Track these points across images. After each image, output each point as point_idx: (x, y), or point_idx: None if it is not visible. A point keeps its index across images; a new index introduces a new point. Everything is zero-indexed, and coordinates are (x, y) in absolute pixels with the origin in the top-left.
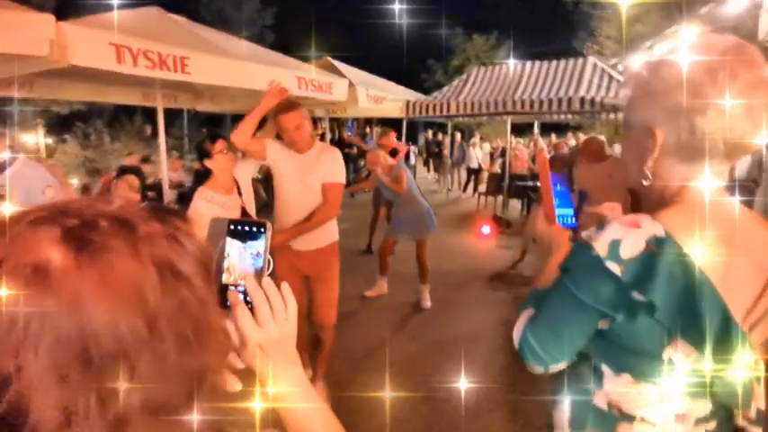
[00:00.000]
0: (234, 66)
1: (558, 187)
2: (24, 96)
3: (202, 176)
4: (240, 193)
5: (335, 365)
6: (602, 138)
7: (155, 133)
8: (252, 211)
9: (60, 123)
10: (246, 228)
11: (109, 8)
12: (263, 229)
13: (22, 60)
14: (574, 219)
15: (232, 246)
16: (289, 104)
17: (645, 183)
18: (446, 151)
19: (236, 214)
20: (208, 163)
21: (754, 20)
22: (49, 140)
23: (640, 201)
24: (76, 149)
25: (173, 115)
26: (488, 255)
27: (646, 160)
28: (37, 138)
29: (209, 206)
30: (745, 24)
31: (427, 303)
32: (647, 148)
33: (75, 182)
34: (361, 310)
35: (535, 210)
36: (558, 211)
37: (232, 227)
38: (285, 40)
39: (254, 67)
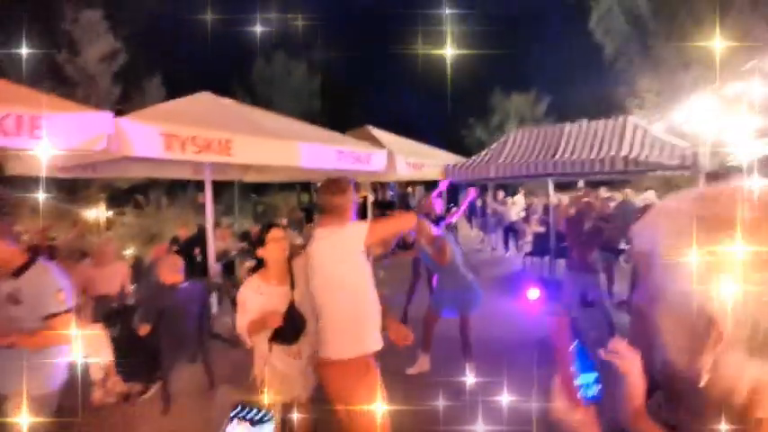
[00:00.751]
0: (273, 145)
1: (577, 345)
2: (89, 176)
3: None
4: (293, 286)
5: None
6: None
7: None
8: (304, 305)
9: (120, 196)
10: (252, 414)
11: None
12: (267, 418)
13: (84, 152)
14: (598, 387)
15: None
16: None
17: (701, 382)
18: (489, 210)
19: (283, 307)
20: (261, 252)
21: None
22: (109, 213)
23: None
24: (134, 220)
25: (223, 184)
26: (536, 322)
27: (702, 352)
28: (98, 212)
29: (255, 296)
30: None
31: (472, 380)
32: (703, 337)
33: (129, 252)
34: (403, 388)
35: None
36: (579, 380)
37: (237, 410)
38: (330, 106)
39: (294, 145)
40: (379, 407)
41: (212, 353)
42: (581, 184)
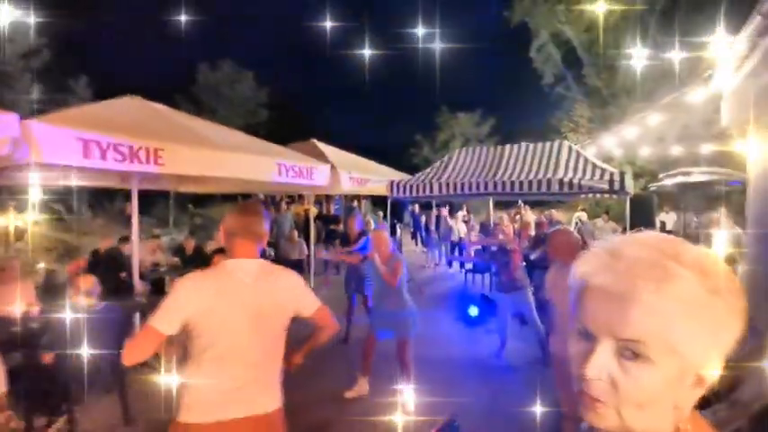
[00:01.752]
0: (210, 156)
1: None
2: None
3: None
4: None
5: None
6: (573, 232)
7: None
8: None
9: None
10: None
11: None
12: None
13: None
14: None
15: None
16: None
17: None
18: (432, 226)
19: None
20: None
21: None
22: (19, 222)
23: None
24: (50, 231)
25: (157, 193)
26: (477, 341)
27: (684, 408)
28: (7, 220)
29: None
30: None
31: (411, 407)
32: (688, 393)
33: (42, 266)
34: (340, 413)
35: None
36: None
37: None
38: (278, 117)
39: (231, 155)
40: None
41: (132, 383)
42: (520, 203)
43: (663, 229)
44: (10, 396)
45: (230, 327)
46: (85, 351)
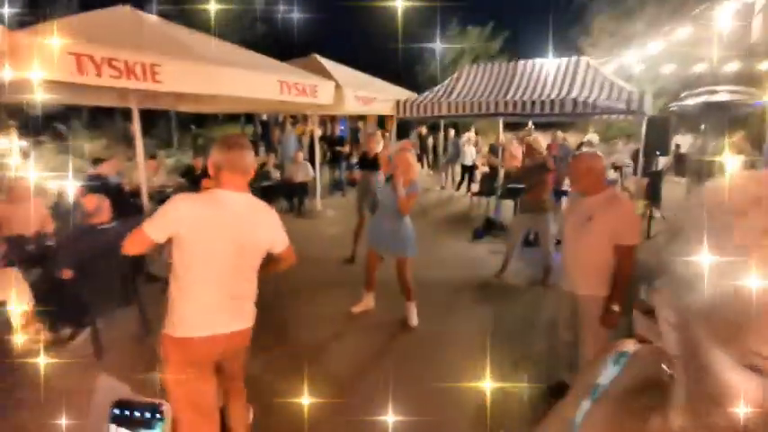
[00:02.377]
0: (209, 72)
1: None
2: None
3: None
4: None
5: (319, 389)
6: (600, 156)
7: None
8: None
9: (36, 124)
10: (137, 413)
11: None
12: (159, 415)
13: None
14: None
15: None
16: None
17: None
18: (439, 149)
19: None
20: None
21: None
22: (24, 143)
23: None
24: (53, 152)
25: (158, 113)
26: (479, 261)
27: None
28: (11, 141)
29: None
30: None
31: (413, 321)
32: None
33: (52, 185)
34: (346, 328)
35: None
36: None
37: (117, 411)
38: (275, 32)
39: (231, 72)
40: None
41: (148, 297)
42: (530, 125)
43: (677, 151)
44: (35, 310)
45: (215, 255)
46: (101, 267)
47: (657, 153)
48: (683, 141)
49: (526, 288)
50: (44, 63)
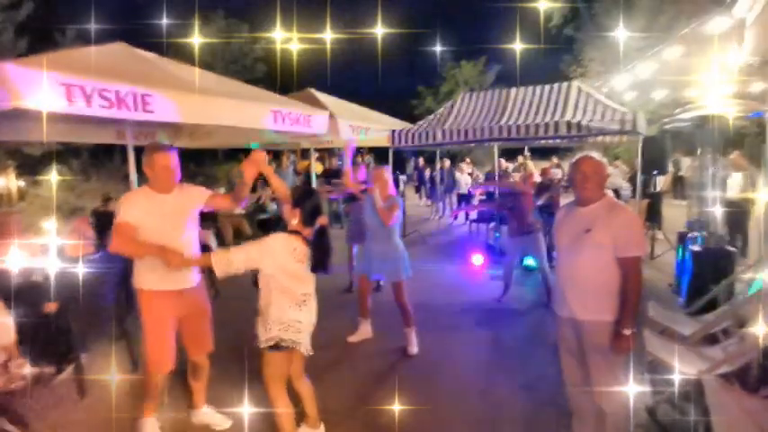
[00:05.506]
0: (201, 102)
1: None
2: None
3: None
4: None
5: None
6: (601, 159)
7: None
8: None
9: (34, 164)
10: None
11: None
12: None
13: None
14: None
15: None
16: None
17: None
18: (436, 179)
19: None
20: None
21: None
22: (21, 183)
23: None
24: (50, 191)
25: None
26: (480, 287)
27: None
28: (8, 181)
29: None
30: (729, 42)
31: (414, 349)
32: None
33: (45, 225)
34: (343, 357)
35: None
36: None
37: None
38: (275, 72)
39: (224, 102)
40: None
41: (135, 331)
42: (526, 151)
43: (676, 173)
44: (20, 345)
45: (158, 229)
46: (87, 300)
47: (655, 172)
48: (681, 163)
49: (529, 310)
50: (34, 93)
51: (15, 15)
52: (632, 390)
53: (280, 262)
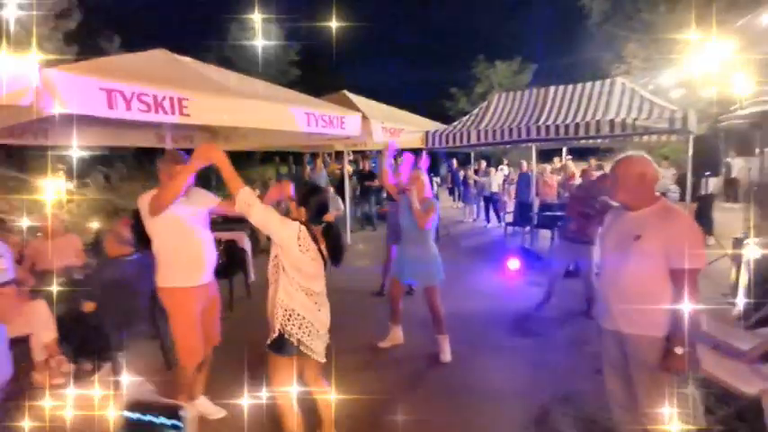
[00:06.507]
0: (235, 104)
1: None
2: (41, 144)
3: None
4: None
5: (341, 426)
6: (648, 161)
7: None
8: None
9: (83, 167)
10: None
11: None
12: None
13: (10, 110)
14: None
15: None
16: None
17: None
18: (470, 180)
19: None
20: None
21: None
22: (70, 185)
23: None
24: (96, 193)
25: None
26: (516, 293)
27: None
28: (58, 183)
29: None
30: None
31: (446, 357)
32: None
33: (94, 225)
34: (372, 362)
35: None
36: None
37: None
38: (310, 76)
39: (258, 104)
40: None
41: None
42: (564, 153)
43: (728, 174)
44: (59, 343)
45: (180, 229)
46: (124, 299)
47: (707, 174)
48: (733, 164)
49: (567, 319)
50: (76, 98)
51: (65, 24)
52: (682, 411)
53: (288, 243)
